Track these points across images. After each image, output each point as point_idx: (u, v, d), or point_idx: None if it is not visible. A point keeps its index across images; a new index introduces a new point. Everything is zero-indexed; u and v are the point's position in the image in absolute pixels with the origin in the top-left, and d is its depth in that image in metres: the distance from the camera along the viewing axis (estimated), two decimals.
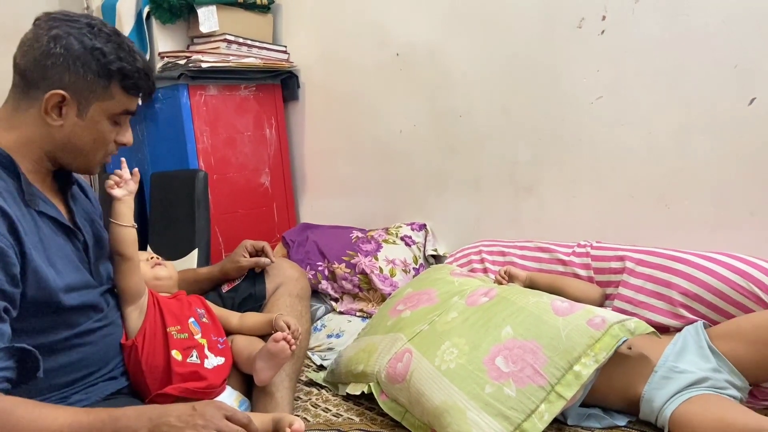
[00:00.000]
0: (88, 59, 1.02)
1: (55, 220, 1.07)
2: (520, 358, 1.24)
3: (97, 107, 1.05)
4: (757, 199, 1.58)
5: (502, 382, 1.21)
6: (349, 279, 2.11)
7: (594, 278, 1.66)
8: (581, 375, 1.20)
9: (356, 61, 2.42)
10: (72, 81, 1.02)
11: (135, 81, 1.07)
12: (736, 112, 1.57)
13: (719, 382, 1.26)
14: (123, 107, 1.08)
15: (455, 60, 2.12)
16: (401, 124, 2.32)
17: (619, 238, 1.74)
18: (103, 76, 1.03)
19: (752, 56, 1.53)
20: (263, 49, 2.51)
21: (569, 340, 1.24)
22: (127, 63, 1.05)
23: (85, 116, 1.05)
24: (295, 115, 2.70)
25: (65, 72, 1.01)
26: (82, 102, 1.04)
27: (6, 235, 0.93)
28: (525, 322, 1.31)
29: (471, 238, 2.07)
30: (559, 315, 1.30)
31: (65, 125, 1.04)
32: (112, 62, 1.03)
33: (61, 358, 1.04)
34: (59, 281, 1.02)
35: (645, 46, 1.69)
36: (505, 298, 1.41)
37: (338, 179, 2.60)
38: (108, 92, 1.05)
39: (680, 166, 1.69)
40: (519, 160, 2.02)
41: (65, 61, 1.01)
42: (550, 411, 1.18)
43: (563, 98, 1.87)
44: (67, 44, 1.01)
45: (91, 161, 1.11)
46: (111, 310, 1.17)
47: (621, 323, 1.26)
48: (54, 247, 1.05)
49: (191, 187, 2.07)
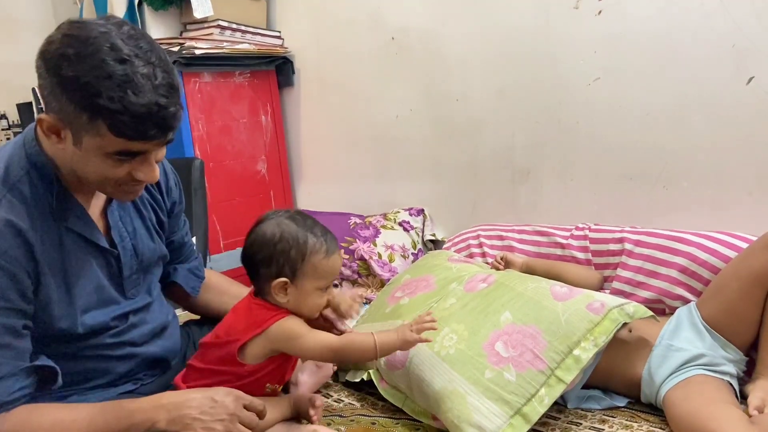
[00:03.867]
0: (73, 88, 0.85)
1: (84, 237, 1.03)
2: (519, 343, 1.24)
3: (89, 141, 0.89)
4: (755, 179, 1.58)
5: (501, 367, 1.22)
6: (348, 265, 2.12)
7: (592, 260, 1.67)
8: (581, 359, 1.20)
9: (351, 46, 2.40)
10: (58, 108, 0.88)
11: (124, 122, 0.86)
12: (734, 91, 1.57)
13: (715, 358, 1.27)
14: (118, 147, 0.90)
15: (451, 43, 2.10)
16: (397, 109, 2.30)
17: (617, 221, 1.74)
18: (85, 109, 0.86)
19: (750, 35, 1.52)
20: (257, 35, 2.49)
21: (569, 324, 1.24)
22: (116, 101, 0.84)
23: (81, 147, 0.90)
24: (290, 102, 2.68)
25: (52, 97, 0.88)
26: (74, 131, 0.89)
27: (20, 259, 0.92)
28: (524, 307, 1.31)
29: (469, 223, 2.07)
30: (559, 300, 1.30)
31: (66, 150, 0.92)
32: (96, 96, 0.84)
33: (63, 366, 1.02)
34: (70, 306, 1.01)
35: (642, 26, 1.68)
36: (504, 284, 1.41)
37: (335, 165, 2.59)
38: (95, 128, 0.87)
39: (678, 147, 1.68)
40: (516, 144, 2.01)
41: (50, 84, 0.87)
42: (550, 395, 1.19)
43: (560, 81, 1.86)
44: (56, 66, 0.85)
45: (106, 191, 1.00)
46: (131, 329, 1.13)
47: (620, 307, 1.27)
48: (75, 266, 1.02)
49: (188, 176, 2.06)
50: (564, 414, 1.33)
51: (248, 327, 1.14)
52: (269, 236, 1.13)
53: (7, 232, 0.91)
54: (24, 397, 0.93)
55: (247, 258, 1.17)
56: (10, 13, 3.07)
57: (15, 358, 0.93)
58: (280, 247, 1.12)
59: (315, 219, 1.19)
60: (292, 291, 1.14)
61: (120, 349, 1.11)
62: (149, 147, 0.92)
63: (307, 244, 1.13)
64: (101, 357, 1.09)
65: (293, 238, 1.13)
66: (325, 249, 1.14)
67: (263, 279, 1.15)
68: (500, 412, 1.17)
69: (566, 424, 1.29)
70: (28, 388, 0.94)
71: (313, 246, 1.13)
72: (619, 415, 1.30)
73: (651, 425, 1.25)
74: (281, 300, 1.15)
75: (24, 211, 0.94)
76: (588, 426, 1.27)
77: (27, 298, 0.94)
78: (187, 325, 1.42)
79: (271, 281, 1.14)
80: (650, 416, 1.29)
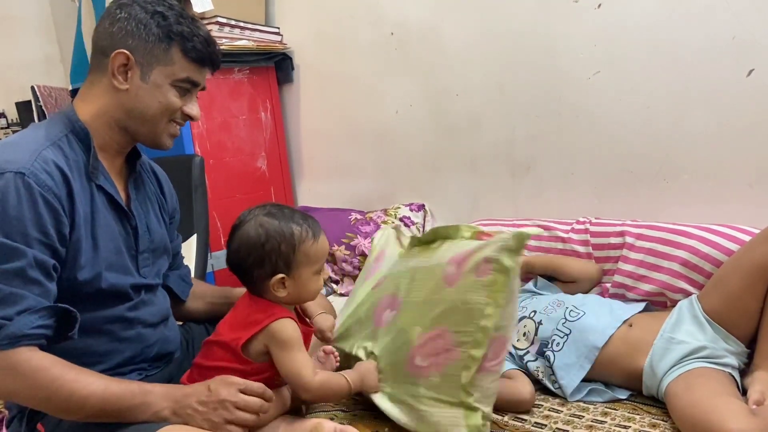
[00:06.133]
0: (149, 23, 1.06)
1: (111, 197, 1.10)
2: (433, 348, 1.21)
3: (159, 72, 1.07)
4: (756, 171, 1.58)
5: (428, 376, 1.20)
6: (349, 261, 2.12)
7: (593, 254, 1.67)
8: (487, 327, 1.15)
9: (350, 42, 2.40)
10: (135, 45, 1.05)
11: (194, 45, 1.08)
12: (735, 84, 1.56)
13: (717, 350, 1.28)
14: (185, 73, 1.09)
15: (450, 38, 2.09)
16: (397, 105, 2.30)
17: (618, 214, 1.74)
18: (163, 39, 1.06)
19: (750, 27, 1.52)
20: (256, 31, 2.48)
21: (466, 304, 1.19)
22: (187, 27, 1.08)
23: (149, 80, 1.07)
24: (290, 98, 2.68)
25: (129, 36, 1.05)
26: (144, 65, 1.06)
27: (62, 199, 0.99)
28: (428, 314, 1.25)
29: (470, 218, 2.07)
30: (451, 285, 1.23)
31: (131, 89, 1.07)
32: (172, 25, 1.06)
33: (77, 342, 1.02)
34: (96, 258, 1.05)
35: (642, 19, 1.68)
36: (408, 302, 1.31)
37: (335, 161, 2.59)
38: (169, 56, 1.07)
39: (678, 139, 1.68)
40: (516, 138, 2.01)
41: (128, 25, 1.05)
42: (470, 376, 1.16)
43: (560, 74, 1.86)
44: (132, 10, 1.06)
45: (157, 129, 1.12)
46: (142, 306, 1.16)
47: (500, 251, 1.17)
48: (102, 223, 1.07)
49: (188, 173, 2.06)
50: (566, 407, 1.33)
51: (250, 324, 1.14)
52: (255, 238, 1.13)
53: (54, 171, 0.99)
54: (42, 337, 0.95)
55: (235, 263, 1.16)
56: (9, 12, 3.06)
57: (41, 295, 0.95)
58: (269, 246, 1.13)
59: (291, 207, 1.20)
60: (290, 283, 1.15)
61: (131, 328, 1.13)
62: (202, 80, 1.13)
63: (294, 235, 1.14)
64: (112, 336, 1.10)
65: (279, 233, 1.13)
66: (312, 234, 1.16)
67: (259, 280, 1.15)
68: (450, 413, 1.16)
69: (569, 417, 1.29)
70: (48, 329, 0.95)
71: (300, 235, 1.14)
72: (621, 408, 1.31)
73: (653, 417, 1.26)
74: (281, 294, 1.15)
75: (64, 161, 1.02)
76: (590, 419, 1.28)
77: (63, 237, 0.99)
78: (186, 323, 1.43)
79: (268, 280, 1.14)
80: (652, 408, 1.30)
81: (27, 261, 0.93)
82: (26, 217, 0.94)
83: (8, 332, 0.91)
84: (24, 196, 0.95)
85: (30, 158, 0.97)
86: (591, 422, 1.26)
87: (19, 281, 0.93)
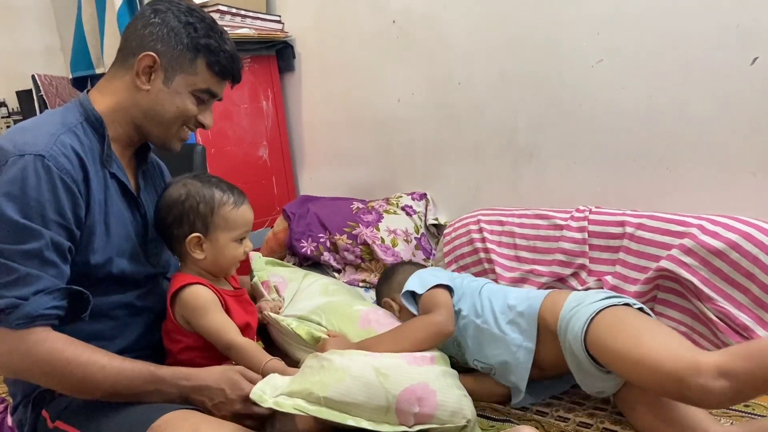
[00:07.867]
0: (180, 32, 1.10)
1: (123, 185, 1.13)
2: None
3: (181, 79, 1.11)
4: (759, 159, 1.58)
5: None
6: (351, 250, 2.12)
7: (588, 241, 1.65)
8: None
9: (352, 30, 2.38)
10: (163, 50, 1.09)
11: (219, 59, 1.12)
12: (738, 72, 1.56)
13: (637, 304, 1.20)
14: (206, 84, 1.14)
15: (452, 26, 2.08)
16: (399, 93, 2.29)
17: (620, 202, 1.73)
18: (191, 49, 1.10)
19: (754, 15, 1.51)
20: (257, 20, 2.47)
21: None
22: (215, 41, 1.12)
23: (170, 85, 1.11)
24: (291, 87, 2.67)
25: (159, 41, 1.09)
26: (169, 70, 1.10)
27: (79, 182, 1.01)
28: None
29: (472, 206, 2.06)
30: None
31: (151, 90, 1.10)
32: (201, 38, 1.11)
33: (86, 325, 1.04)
34: (108, 243, 1.07)
35: (645, 7, 1.67)
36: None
37: (337, 150, 2.59)
38: (194, 66, 1.11)
39: (681, 127, 1.68)
40: (518, 126, 2.00)
41: (160, 30, 1.09)
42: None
43: (563, 62, 1.85)
44: (165, 17, 1.10)
45: (169, 132, 1.15)
46: (149, 295, 1.18)
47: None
48: (115, 210, 1.10)
49: (189, 162, 2.06)
50: (553, 408, 1.33)
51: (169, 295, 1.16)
52: (176, 196, 1.17)
53: (72, 156, 1.01)
54: (55, 318, 0.96)
55: (158, 224, 1.19)
56: (9, 1, 3.05)
57: (56, 276, 0.96)
58: (188, 204, 1.15)
59: (220, 177, 1.22)
60: (208, 246, 1.17)
61: (137, 315, 1.15)
62: (221, 92, 1.17)
63: (213, 198, 1.17)
64: (119, 321, 1.12)
65: (199, 194, 1.16)
66: (233, 200, 1.18)
67: (178, 240, 1.17)
68: None
69: (554, 420, 1.29)
70: (61, 310, 0.97)
71: (220, 199, 1.17)
72: (609, 408, 1.30)
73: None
74: (198, 256, 1.17)
75: (80, 147, 1.04)
76: (577, 421, 1.27)
77: (79, 220, 1.01)
78: None
79: (185, 239, 1.16)
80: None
81: (44, 242, 0.95)
82: (45, 198, 0.96)
83: (24, 312, 0.93)
84: (44, 178, 0.96)
85: (49, 141, 0.99)
86: (577, 426, 1.26)
87: (36, 262, 0.94)
